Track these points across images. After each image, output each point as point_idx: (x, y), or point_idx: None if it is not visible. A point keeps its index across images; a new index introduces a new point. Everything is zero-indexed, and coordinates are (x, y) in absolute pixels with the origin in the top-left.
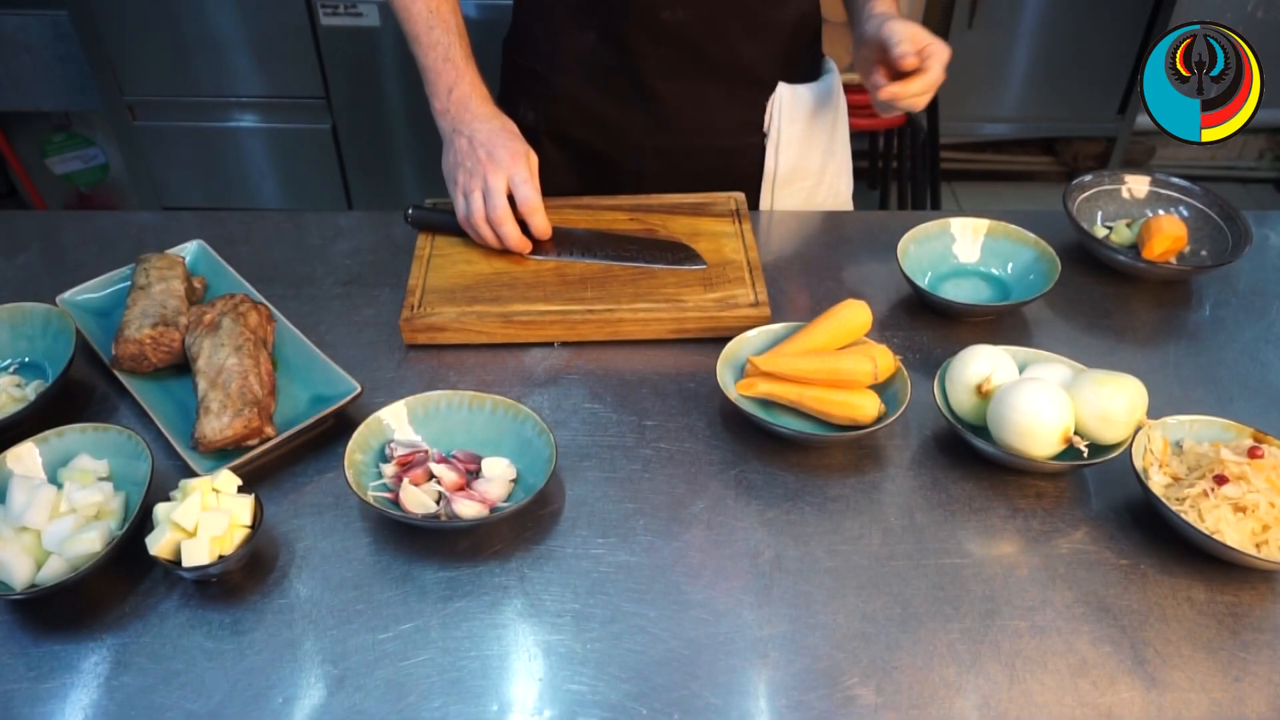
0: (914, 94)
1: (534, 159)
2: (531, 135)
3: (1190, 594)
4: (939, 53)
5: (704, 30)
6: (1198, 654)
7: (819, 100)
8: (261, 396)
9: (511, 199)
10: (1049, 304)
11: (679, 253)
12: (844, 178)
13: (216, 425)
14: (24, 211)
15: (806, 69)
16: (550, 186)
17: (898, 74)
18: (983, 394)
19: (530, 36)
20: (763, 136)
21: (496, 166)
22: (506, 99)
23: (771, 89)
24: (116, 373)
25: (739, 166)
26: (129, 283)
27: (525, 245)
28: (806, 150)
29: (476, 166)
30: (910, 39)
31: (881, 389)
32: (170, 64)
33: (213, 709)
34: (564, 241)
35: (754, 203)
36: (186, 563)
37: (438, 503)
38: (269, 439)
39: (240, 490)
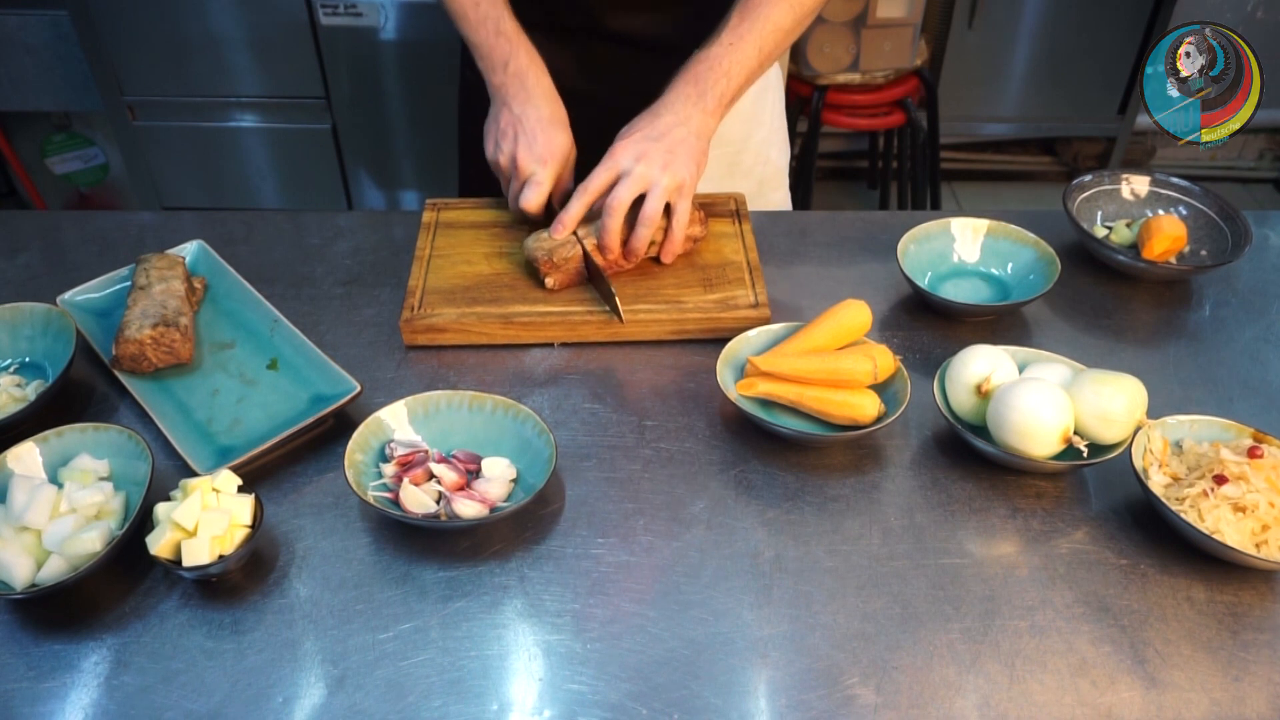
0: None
1: (572, 156)
2: None
3: (1190, 594)
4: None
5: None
6: (1198, 654)
7: None
8: None
9: None
10: (1049, 304)
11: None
12: (775, 147)
13: None
14: (24, 211)
15: None
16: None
17: None
18: (983, 394)
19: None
20: None
21: (531, 155)
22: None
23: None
24: (116, 373)
25: None
26: (129, 283)
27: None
28: (727, 117)
29: (509, 147)
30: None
31: (881, 389)
32: (170, 64)
33: (213, 709)
34: None
35: None
36: (187, 562)
37: (438, 503)
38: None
39: (240, 490)
